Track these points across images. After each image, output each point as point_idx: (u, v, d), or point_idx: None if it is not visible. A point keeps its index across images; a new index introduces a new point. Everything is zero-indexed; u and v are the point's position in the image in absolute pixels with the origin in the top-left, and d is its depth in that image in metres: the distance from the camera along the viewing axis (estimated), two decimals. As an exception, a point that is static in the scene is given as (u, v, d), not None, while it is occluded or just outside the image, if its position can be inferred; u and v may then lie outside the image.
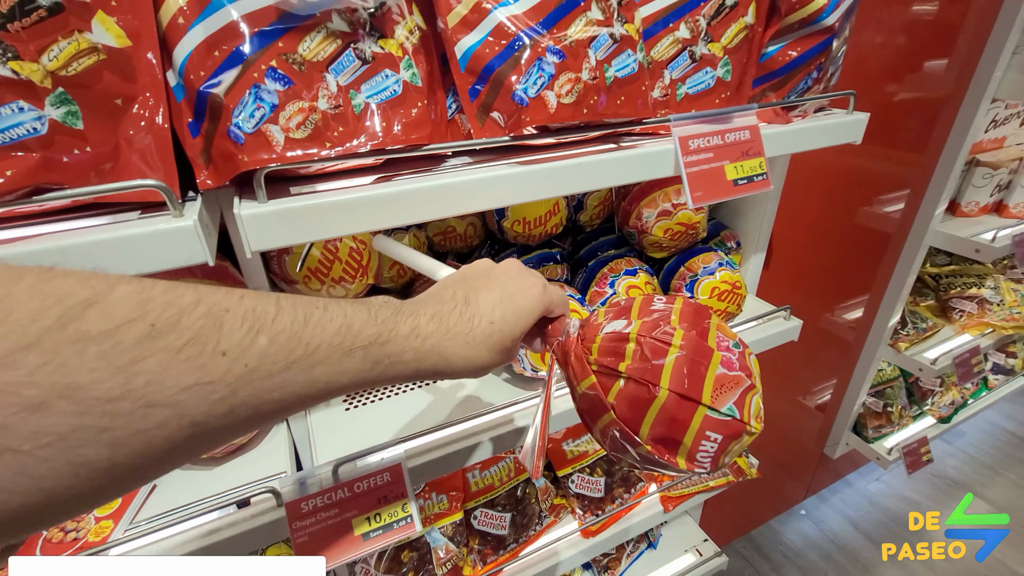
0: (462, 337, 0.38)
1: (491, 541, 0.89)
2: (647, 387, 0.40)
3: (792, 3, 0.60)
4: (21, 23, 0.34)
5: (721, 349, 0.42)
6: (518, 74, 0.49)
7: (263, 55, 0.41)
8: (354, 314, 0.33)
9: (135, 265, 0.39)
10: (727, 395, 0.40)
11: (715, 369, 0.41)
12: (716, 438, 0.40)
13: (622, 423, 0.41)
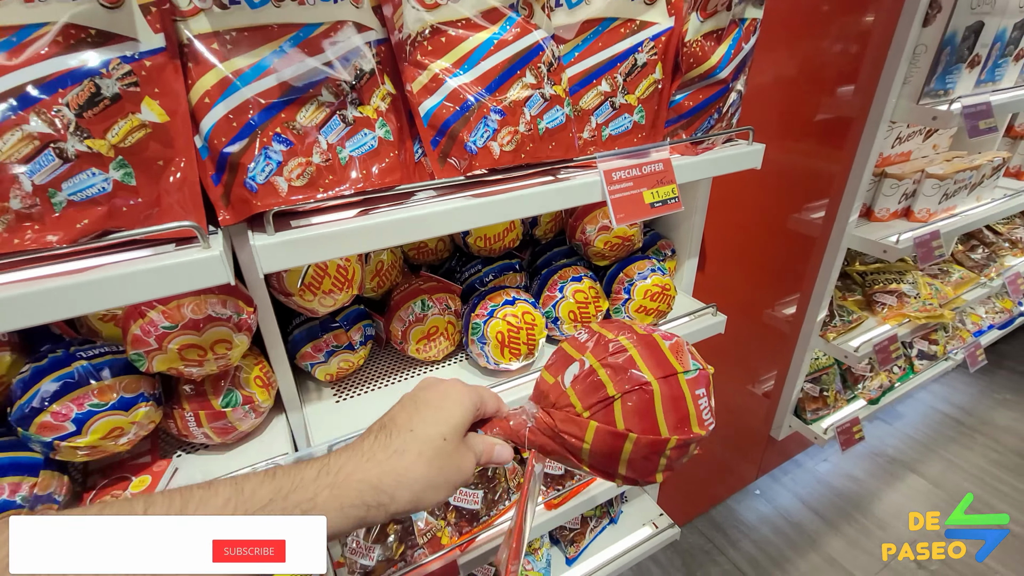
0: (384, 454, 0.39)
1: (465, 515, 1.02)
2: (641, 390, 0.43)
3: (690, 63, 0.76)
4: (92, 111, 0.47)
5: (647, 331, 0.50)
6: (468, 130, 0.63)
7: (270, 124, 0.54)
8: (247, 484, 0.36)
9: (176, 286, 0.51)
10: (682, 357, 0.46)
11: (662, 344, 0.47)
12: (702, 391, 0.45)
13: (646, 435, 0.42)
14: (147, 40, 0.49)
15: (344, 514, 0.37)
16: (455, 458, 0.42)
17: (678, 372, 0.45)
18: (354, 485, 0.37)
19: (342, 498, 0.37)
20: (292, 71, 0.55)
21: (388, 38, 0.63)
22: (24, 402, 0.57)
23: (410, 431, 0.40)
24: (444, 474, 0.41)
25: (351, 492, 0.37)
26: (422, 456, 0.40)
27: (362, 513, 0.38)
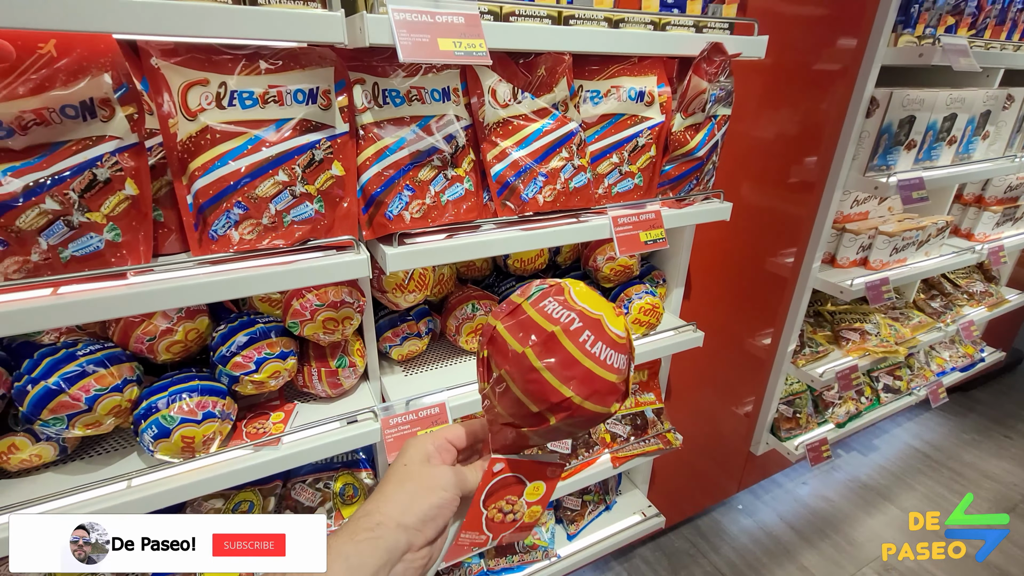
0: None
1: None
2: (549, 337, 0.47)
3: (675, 146, 1.08)
4: (309, 169, 0.79)
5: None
6: (523, 185, 0.94)
7: (403, 178, 0.86)
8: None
9: (338, 276, 0.81)
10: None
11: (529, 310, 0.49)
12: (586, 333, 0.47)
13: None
14: (339, 126, 0.82)
15: (356, 543, 0.45)
16: (429, 473, 0.49)
17: (553, 327, 0.47)
18: (354, 517, 0.47)
19: (348, 530, 0.46)
20: (418, 145, 0.87)
21: (473, 124, 0.95)
22: (224, 348, 0.87)
23: (388, 474, 0.51)
24: (425, 480, 0.49)
25: (353, 524, 0.46)
26: (402, 475, 0.50)
27: (367, 536, 0.45)
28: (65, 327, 0.83)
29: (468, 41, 0.75)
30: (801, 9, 1.37)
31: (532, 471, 0.53)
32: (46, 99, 0.61)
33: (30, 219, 0.63)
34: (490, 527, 0.53)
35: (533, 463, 0.53)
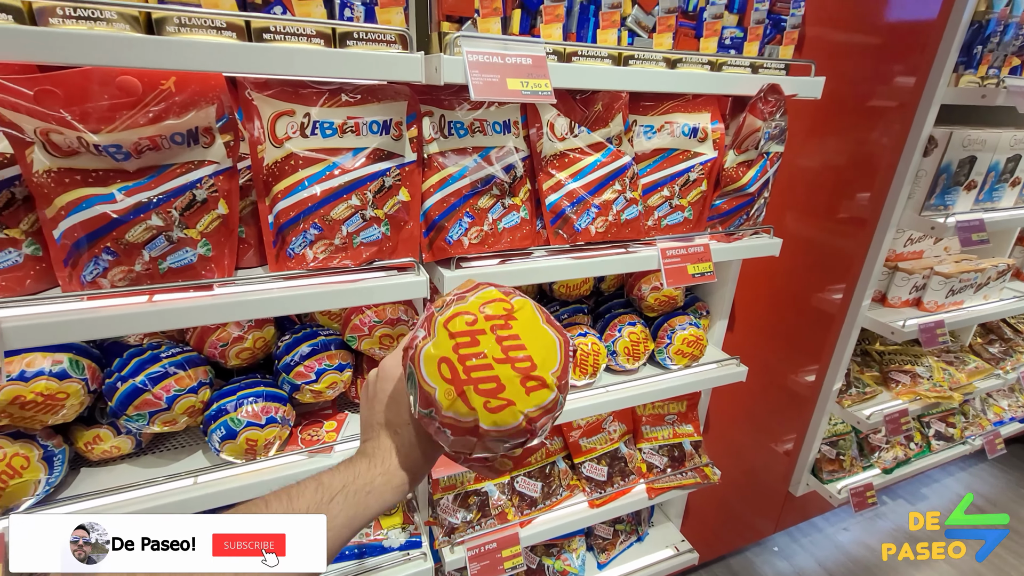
0: (391, 455, 0.51)
1: (527, 500, 1.29)
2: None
3: (727, 181, 1.09)
4: (380, 194, 0.84)
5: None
6: (576, 215, 0.97)
7: (464, 206, 0.90)
8: (324, 477, 0.48)
9: (400, 295, 0.86)
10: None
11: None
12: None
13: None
14: (408, 155, 0.87)
15: (397, 491, 0.49)
16: (420, 436, 0.52)
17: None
18: (398, 472, 0.50)
19: (393, 479, 0.49)
20: (479, 175, 0.92)
21: (530, 155, 0.99)
22: (288, 358, 0.93)
23: (385, 439, 0.52)
24: (424, 451, 0.52)
25: (399, 475, 0.49)
26: (418, 447, 0.52)
27: (405, 489, 0.50)
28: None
29: (535, 81, 0.79)
30: (857, 44, 1.37)
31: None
32: (161, 127, 0.68)
33: (137, 233, 0.70)
34: (468, 466, 0.56)
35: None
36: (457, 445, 0.47)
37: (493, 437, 0.44)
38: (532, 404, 0.44)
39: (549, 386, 0.45)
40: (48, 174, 0.67)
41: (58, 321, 0.67)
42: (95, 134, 0.65)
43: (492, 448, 0.47)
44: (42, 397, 0.74)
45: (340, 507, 0.46)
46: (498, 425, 0.44)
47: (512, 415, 0.43)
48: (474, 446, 0.46)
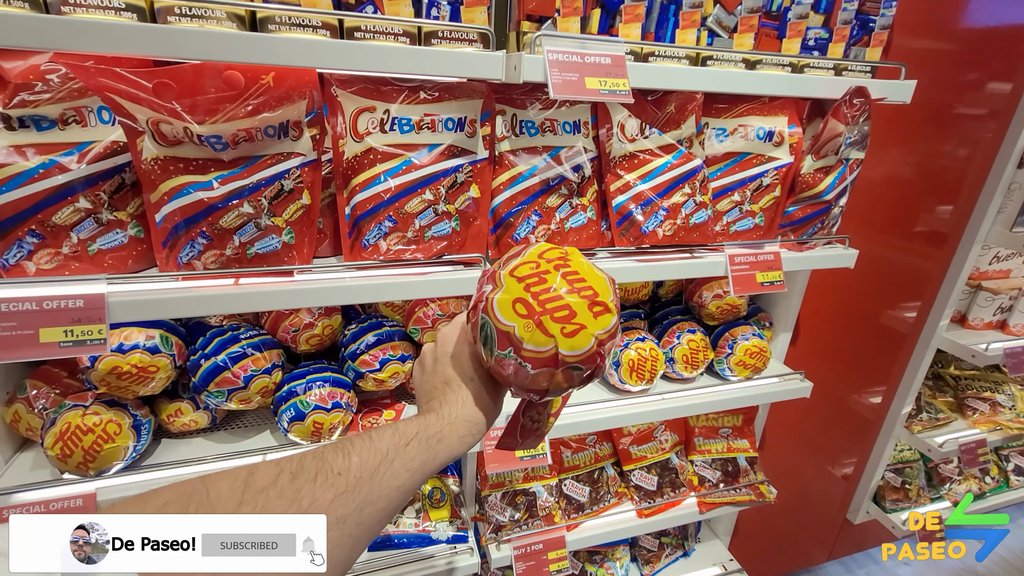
0: (457, 405, 0.53)
1: (574, 504, 1.28)
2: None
3: (803, 188, 1.05)
4: (452, 189, 0.85)
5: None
6: (644, 218, 0.96)
7: (532, 204, 0.91)
8: (400, 425, 0.48)
9: (465, 289, 0.87)
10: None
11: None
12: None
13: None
14: (480, 152, 0.88)
15: (462, 442, 0.51)
16: (486, 387, 0.55)
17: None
18: (461, 422, 0.51)
19: (458, 429, 0.50)
20: (548, 174, 0.92)
21: (599, 156, 0.99)
22: (355, 346, 0.96)
23: (467, 390, 0.54)
24: (495, 405, 0.55)
25: (461, 426, 0.51)
26: (481, 398, 0.54)
27: (470, 440, 0.51)
28: (230, 312, 0.95)
29: (613, 80, 0.79)
30: (945, 48, 1.29)
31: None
32: (257, 120, 0.72)
33: (230, 219, 0.74)
34: (522, 434, 0.61)
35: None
36: (537, 381, 0.49)
37: (570, 364, 0.48)
38: (601, 327, 0.48)
39: (611, 310, 0.49)
40: (155, 162, 0.72)
41: (155, 299, 0.72)
42: (200, 125, 0.69)
43: (568, 380, 0.49)
44: (136, 369, 0.79)
45: (415, 451, 0.47)
46: (575, 349, 0.47)
47: (586, 338, 0.47)
48: (552, 379, 0.49)
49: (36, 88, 0.67)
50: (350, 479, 0.42)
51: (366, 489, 0.42)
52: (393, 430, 0.47)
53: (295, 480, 0.40)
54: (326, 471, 0.41)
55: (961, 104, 1.38)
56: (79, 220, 0.72)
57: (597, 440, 1.37)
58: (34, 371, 0.89)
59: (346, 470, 0.42)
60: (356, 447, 0.44)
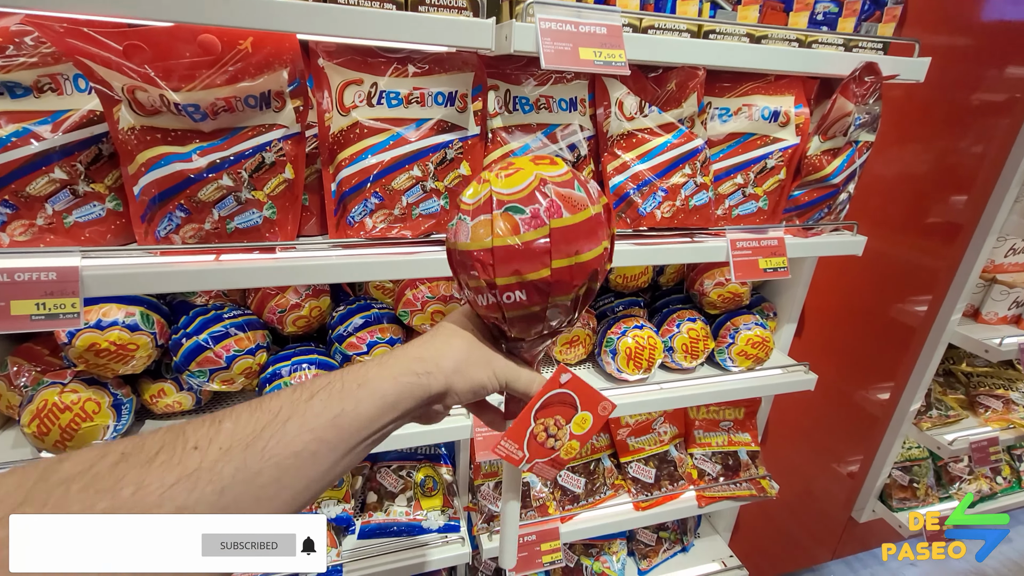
0: (421, 341, 0.47)
1: (569, 495, 1.25)
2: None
3: (809, 170, 1.01)
4: (441, 166, 0.82)
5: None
6: (641, 199, 0.92)
7: (525, 182, 0.87)
8: (308, 383, 0.40)
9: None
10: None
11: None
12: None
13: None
14: (472, 129, 0.85)
15: (397, 382, 0.41)
16: (483, 347, 0.47)
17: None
18: (401, 359, 0.43)
19: (392, 369, 0.42)
20: (541, 152, 0.89)
21: (596, 135, 0.95)
22: (342, 328, 0.93)
23: (437, 330, 0.48)
24: (480, 351, 0.47)
25: (399, 364, 0.42)
26: (456, 335, 0.47)
27: (413, 379, 0.42)
28: (216, 291, 0.93)
29: (608, 51, 0.75)
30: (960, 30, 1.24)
31: (588, 398, 0.52)
32: (236, 89, 0.69)
33: (209, 192, 0.72)
34: (530, 446, 0.52)
35: (591, 390, 0.52)
36: (529, 302, 0.45)
37: (507, 203, 0.43)
38: (546, 170, 0.45)
39: (559, 163, 0.47)
40: (132, 131, 0.69)
41: (131, 273, 0.70)
42: (176, 92, 0.66)
43: (566, 289, 0.45)
44: (115, 346, 0.77)
45: (322, 405, 0.38)
46: (510, 187, 0.43)
47: (523, 175, 0.44)
48: (491, 227, 0.43)
49: (7, 52, 0.65)
50: (211, 452, 0.33)
51: (237, 462, 0.33)
52: (297, 386, 0.40)
53: (121, 463, 0.31)
54: (176, 446, 0.33)
55: (978, 89, 1.32)
56: (54, 191, 0.70)
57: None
58: (16, 348, 0.87)
59: (207, 442, 0.33)
60: (236, 412, 0.37)
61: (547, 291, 0.44)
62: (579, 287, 0.46)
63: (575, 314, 0.50)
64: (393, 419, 0.42)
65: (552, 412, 0.51)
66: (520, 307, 0.45)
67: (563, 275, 0.44)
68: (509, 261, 0.43)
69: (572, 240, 0.43)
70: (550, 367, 1.20)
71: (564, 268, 0.43)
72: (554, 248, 0.43)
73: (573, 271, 0.44)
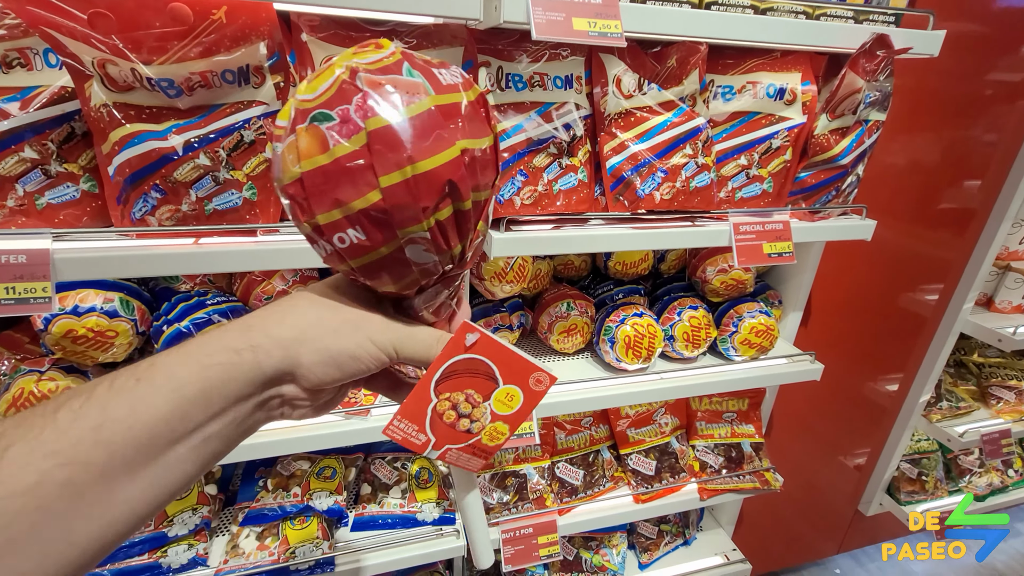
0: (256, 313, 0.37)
1: (567, 487, 1.23)
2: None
3: (816, 150, 0.96)
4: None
5: None
6: (640, 180, 0.89)
7: (518, 163, 0.84)
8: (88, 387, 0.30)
9: (446, 255, 0.81)
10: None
11: None
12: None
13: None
14: (461, 107, 0.81)
15: (202, 366, 0.31)
16: (349, 308, 0.37)
17: None
18: (215, 336, 0.33)
19: (198, 350, 0.32)
20: (535, 132, 0.85)
21: (593, 114, 0.91)
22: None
23: (283, 298, 0.37)
24: (342, 313, 0.36)
25: (211, 343, 0.32)
26: (303, 297, 0.37)
27: (228, 359, 0.32)
28: (200, 278, 0.90)
29: (603, 22, 0.71)
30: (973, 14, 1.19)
31: (513, 367, 0.41)
32: (212, 63, 0.66)
33: (185, 172, 0.69)
34: (435, 427, 0.42)
35: (517, 357, 0.41)
36: (371, 241, 0.34)
37: (311, 110, 0.32)
38: (427, 106, 0.33)
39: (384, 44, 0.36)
40: (105, 108, 0.66)
41: (105, 256, 0.67)
42: (147, 66, 0.63)
43: (413, 214, 0.33)
44: (92, 333, 0.75)
45: (69, 420, 0.28)
46: (390, 122, 0.31)
47: (420, 106, 0.33)
48: (391, 223, 0.33)
49: (-30, 24, 0.62)
50: None
51: None
52: (52, 399, 0.30)
53: None
54: None
55: (993, 69, 1.27)
56: (24, 171, 0.67)
57: (593, 422, 1.31)
58: (-3, 336, 0.85)
59: None
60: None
61: (388, 221, 0.33)
62: (432, 209, 0.34)
63: (457, 247, 0.38)
64: (213, 415, 0.32)
65: (461, 384, 0.41)
66: (363, 251, 0.35)
67: (400, 196, 0.32)
68: (324, 189, 0.33)
69: (401, 144, 0.32)
70: (553, 357, 1.17)
71: (398, 186, 0.32)
72: (376, 159, 0.32)
73: (413, 187, 0.32)
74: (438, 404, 0.41)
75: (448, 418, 0.41)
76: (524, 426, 0.97)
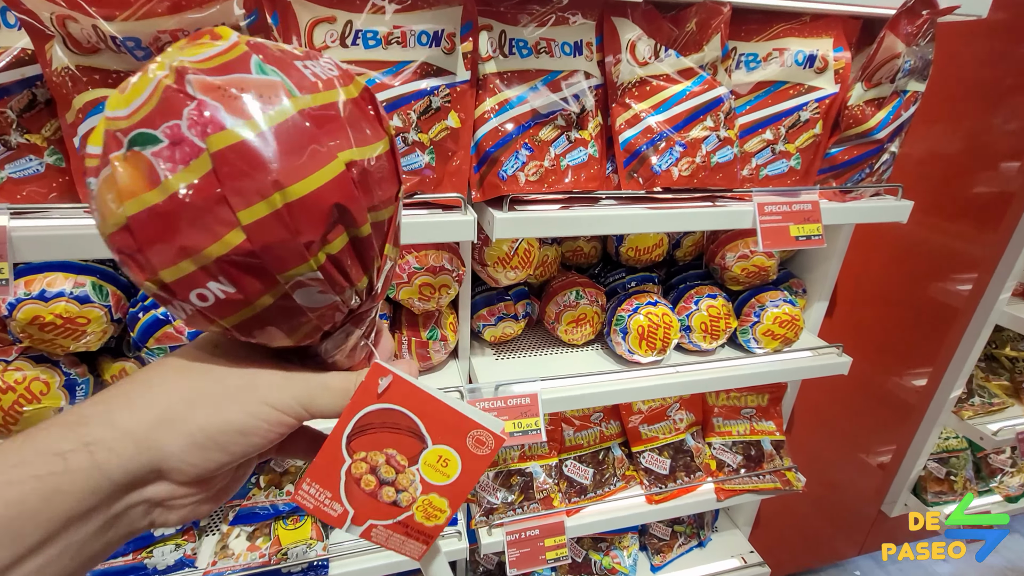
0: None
1: (576, 486, 1.16)
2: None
3: (849, 123, 0.88)
4: (425, 116, 0.72)
5: None
6: (656, 155, 0.81)
7: (522, 136, 0.77)
8: None
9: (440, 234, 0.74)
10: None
11: None
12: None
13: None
14: (461, 74, 0.74)
15: (7, 481, 0.23)
16: (230, 369, 0.30)
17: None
18: (35, 436, 0.25)
19: (10, 458, 0.24)
20: (541, 102, 0.78)
21: (605, 83, 0.84)
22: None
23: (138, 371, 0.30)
24: (220, 375, 0.29)
25: (28, 446, 0.25)
26: (163, 364, 0.29)
27: (51, 470, 0.24)
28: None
29: (617, -28, 0.64)
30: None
31: (443, 421, 0.33)
32: (182, 20, 0.59)
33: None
34: (352, 496, 0.33)
35: (445, 407, 0.33)
36: (245, 295, 0.26)
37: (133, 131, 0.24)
38: (288, 114, 0.25)
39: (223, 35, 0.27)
40: (67, 72, 0.60)
41: (70, 235, 0.61)
42: (110, 22, 0.57)
43: (295, 254, 0.26)
44: (61, 320, 0.69)
45: None
46: (241, 137, 0.23)
47: (282, 114, 0.25)
48: (266, 267, 0.25)
49: (-86, -24, 0.56)
50: None
51: None
52: None
53: None
54: None
55: (1039, 39, 1.18)
56: (-19, 142, 0.62)
57: (603, 418, 1.24)
58: (-32, 325, 0.80)
59: None
60: None
61: (261, 267, 0.25)
62: (319, 243, 0.26)
63: (362, 280, 0.30)
64: (29, 549, 0.23)
65: (379, 442, 0.33)
66: (236, 306, 0.26)
67: (271, 233, 0.25)
68: (162, 236, 0.24)
69: (262, 165, 0.24)
70: (561, 349, 1.10)
71: (267, 220, 0.24)
72: (229, 189, 0.24)
73: (287, 219, 0.25)
74: (352, 467, 0.33)
75: (367, 485, 0.33)
76: (530, 422, 0.91)
